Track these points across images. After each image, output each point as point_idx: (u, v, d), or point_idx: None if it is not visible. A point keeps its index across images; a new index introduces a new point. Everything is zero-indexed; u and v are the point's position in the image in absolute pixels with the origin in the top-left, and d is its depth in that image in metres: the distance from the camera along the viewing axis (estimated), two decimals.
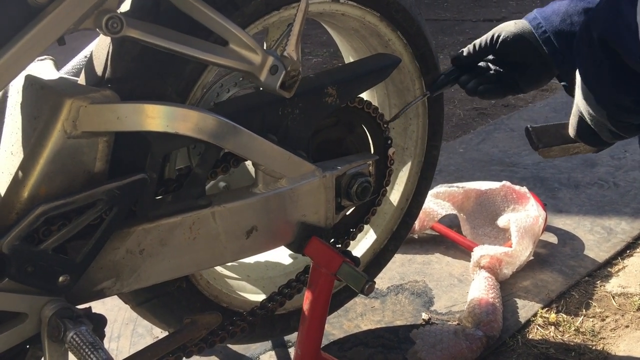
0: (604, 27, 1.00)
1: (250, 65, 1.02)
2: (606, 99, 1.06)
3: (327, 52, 3.77)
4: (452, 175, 2.31)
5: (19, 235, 0.88)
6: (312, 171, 1.18)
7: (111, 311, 1.62)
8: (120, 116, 0.93)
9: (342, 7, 1.24)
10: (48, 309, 0.92)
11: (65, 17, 0.86)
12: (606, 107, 1.07)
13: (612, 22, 0.98)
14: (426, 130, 1.50)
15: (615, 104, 1.06)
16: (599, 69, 1.04)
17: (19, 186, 0.91)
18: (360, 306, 1.66)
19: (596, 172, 2.32)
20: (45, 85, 0.96)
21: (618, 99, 1.04)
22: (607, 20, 0.99)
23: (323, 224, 1.23)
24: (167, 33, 0.95)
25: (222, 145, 1.03)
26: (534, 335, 1.56)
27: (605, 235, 1.94)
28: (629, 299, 1.67)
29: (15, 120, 1.01)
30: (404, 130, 1.51)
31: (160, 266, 1.06)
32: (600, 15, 1.01)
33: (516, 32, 1.26)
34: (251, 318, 1.25)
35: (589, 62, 1.06)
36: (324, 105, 1.19)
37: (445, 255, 1.88)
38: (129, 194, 0.96)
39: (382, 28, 1.31)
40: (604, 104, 1.07)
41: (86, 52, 1.29)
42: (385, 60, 1.30)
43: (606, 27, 0.99)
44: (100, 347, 0.87)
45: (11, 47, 0.84)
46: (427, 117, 1.49)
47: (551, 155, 1.30)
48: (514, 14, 4.50)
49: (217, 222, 1.09)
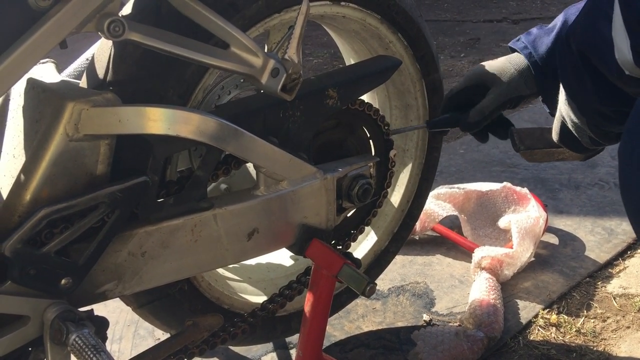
0: (581, 39, 1.02)
1: (251, 68, 1.02)
2: (587, 107, 1.08)
3: (327, 54, 3.77)
4: (452, 177, 2.31)
5: (21, 238, 0.88)
6: (313, 173, 1.19)
7: (113, 313, 1.62)
8: (122, 119, 0.93)
9: (343, 10, 1.24)
10: (50, 311, 0.92)
11: (68, 21, 0.86)
12: (587, 115, 1.09)
13: (589, 36, 0.99)
14: (427, 132, 1.50)
15: (596, 112, 1.07)
16: (580, 78, 1.05)
17: (21, 189, 0.91)
18: (361, 307, 1.67)
19: (597, 173, 2.32)
20: (47, 88, 0.96)
21: (599, 108, 1.05)
22: (584, 34, 1.01)
23: (324, 226, 1.23)
24: (168, 36, 0.95)
25: (224, 147, 1.04)
26: (535, 336, 1.56)
27: (606, 236, 1.94)
28: (630, 299, 1.68)
29: (17, 123, 1.01)
30: None
31: (162, 268, 1.06)
32: (578, 28, 1.03)
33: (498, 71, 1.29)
34: (252, 319, 1.25)
35: (571, 72, 1.07)
36: (325, 107, 1.19)
37: (446, 256, 1.88)
38: (131, 197, 0.96)
39: (383, 30, 1.32)
40: (585, 111, 1.09)
41: (87, 55, 1.30)
42: (386, 63, 1.30)
43: (583, 40, 1.01)
44: (102, 349, 0.87)
45: (14, 51, 0.84)
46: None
47: (534, 158, 1.30)
48: (514, 14, 4.50)
49: (218, 225, 1.09)
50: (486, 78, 1.31)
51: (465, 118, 1.33)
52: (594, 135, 1.12)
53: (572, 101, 1.10)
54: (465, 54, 3.76)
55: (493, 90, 1.30)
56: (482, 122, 1.32)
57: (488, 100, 1.30)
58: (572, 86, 1.09)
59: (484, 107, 1.30)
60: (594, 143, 1.15)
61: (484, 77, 1.32)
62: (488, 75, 1.31)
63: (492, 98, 1.30)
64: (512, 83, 1.29)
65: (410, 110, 1.48)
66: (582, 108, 1.09)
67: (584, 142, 1.16)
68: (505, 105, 1.31)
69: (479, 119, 1.31)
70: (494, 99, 1.30)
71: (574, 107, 1.10)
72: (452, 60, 3.61)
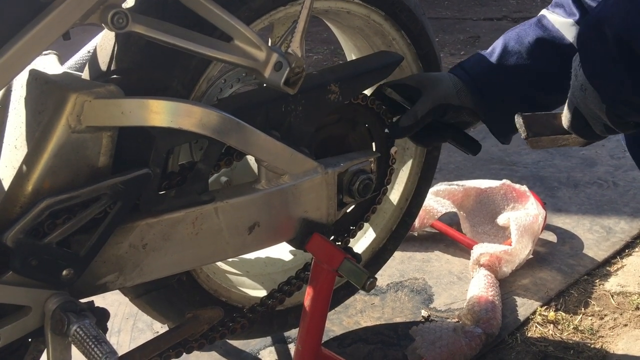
0: (621, 26, 0.98)
1: (254, 62, 1.02)
2: (615, 97, 1.06)
3: (327, 50, 3.77)
4: (452, 174, 2.31)
5: (23, 228, 0.88)
6: (315, 168, 1.19)
7: (112, 306, 1.62)
8: (125, 111, 0.93)
9: (348, 5, 1.24)
10: (52, 302, 0.92)
11: (71, 12, 0.86)
12: (611, 105, 1.07)
13: (631, 22, 0.97)
14: None
15: (625, 102, 1.05)
16: (612, 66, 1.02)
17: (23, 180, 0.91)
18: (360, 303, 1.67)
19: (595, 171, 2.32)
20: (50, 79, 0.96)
21: (633, 99, 1.03)
22: (625, 20, 0.98)
23: (325, 221, 1.23)
24: (172, 29, 0.95)
25: (226, 141, 1.04)
26: (532, 333, 1.57)
27: (604, 234, 1.95)
28: (628, 297, 1.68)
29: (19, 115, 1.01)
30: None
31: (162, 261, 1.06)
32: (616, 13, 1.00)
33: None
34: (251, 315, 1.26)
35: (598, 60, 1.05)
36: (327, 102, 1.19)
37: (445, 253, 1.88)
38: (132, 189, 0.96)
39: (387, 27, 1.32)
40: (609, 101, 1.06)
41: (89, 47, 1.29)
42: (388, 58, 1.31)
43: (624, 26, 0.98)
44: (103, 340, 0.88)
45: (17, 42, 0.84)
46: None
47: (540, 145, 1.29)
48: (514, 12, 4.50)
49: (219, 218, 1.09)
50: (422, 83, 1.33)
51: (396, 124, 1.34)
52: (611, 124, 1.10)
53: (595, 90, 1.07)
54: (465, 51, 3.76)
55: (424, 95, 1.32)
56: (414, 127, 1.33)
57: (419, 103, 1.32)
58: (598, 76, 1.07)
59: (416, 111, 1.32)
60: (608, 131, 1.14)
61: (421, 81, 1.34)
62: (424, 80, 1.34)
63: (423, 101, 1.31)
64: (444, 91, 1.32)
65: None
66: (606, 97, 1.06)
67: (598, 130, 1.14)
68: (436, 110, 1.32)
69: (411, 124, 1.32)
70: (425, 104, 1.31)
71: (594, 97, 1.08)
72: (452, 58, 3.61)
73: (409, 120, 1.32)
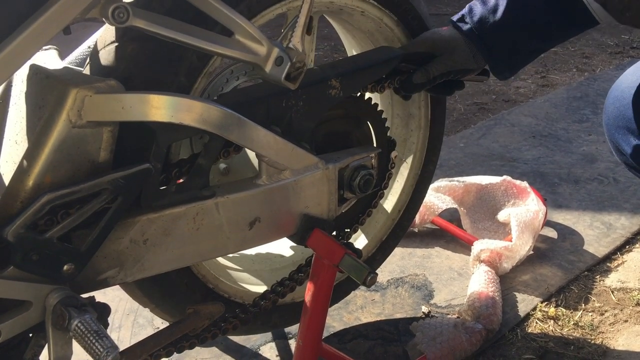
0: None
1: (255, 56, 1.02)
2: None
3: (327, 46, 3.77)
4: (452, 170, 2.31)
5: (24, 223, 0.88)
6: (316, 163, 1.19)
7: (112, 302, 1.62)
8: (125, 106, 0.93)
9: (363, 5, 1.25)
10: (52, 297, 0.92)
11: (72, 7, 0.86)
12: None
13: None
14: (426, 144, 1.51)
15: None
16: None
17: (23, 175, 0.91)
18: (360, 299, 1.67)
19: (596, 167, 2.32)
20: (50, 74, 0.96)
21: None
22: None
23: (326, 216, 1.23)
24: (173, 23, 0.95)
25: (227, 136, 1.03)
26: (533, 329, 1.57)
27: (604, 230, 1.95)
28: (628, 293, 1.68)
29: (20, 110, 1.01)
30: (404, 141, 1.52)
31: (163, 256, 1.06)
32: None
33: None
34: (243, 315, 1.25)
35: None
36: (328, 97, 1.19)
37: (446, 249, 1.88)
38: (133, 184, 0.96)
39: (398, 33, 1.33)
40: None
41: (90, 42, 1.29)
42: (388, 53, 1.30)
43: None
44: (104, 335, 0.87)
45: (17, 36, 0.84)
46: (429, 131, 1.50)
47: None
48: None
49: (220, 213, 1.09)
50: (437, 47, 1.32)
51: (409, 78, 1.34)
52: None
53: None
54: None
55: (441, 58, 1.32)
56: (426, 85, 1.33)
57: (434, 64, 1.32)
58: None
59: (429, 71, 1.32)
60: None
61: (435, 45, 1.33)
62: (439, 44, 1.33)
63: (438, 65, 1.32)
64: (460, 57, 1.32)
65: (412, 119, 1.49)
66: None
67: None
68: (450, 74, 1.33)
69: (424, 82, 1.32)
70: (440, 67, 1.32)
71: None
72: None
73: (422, 78, 1.32)
